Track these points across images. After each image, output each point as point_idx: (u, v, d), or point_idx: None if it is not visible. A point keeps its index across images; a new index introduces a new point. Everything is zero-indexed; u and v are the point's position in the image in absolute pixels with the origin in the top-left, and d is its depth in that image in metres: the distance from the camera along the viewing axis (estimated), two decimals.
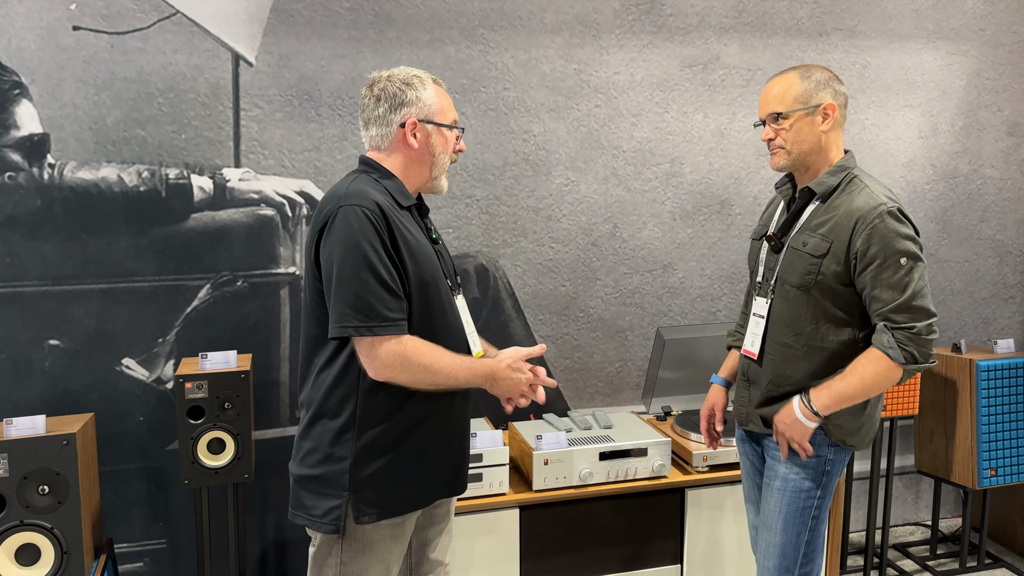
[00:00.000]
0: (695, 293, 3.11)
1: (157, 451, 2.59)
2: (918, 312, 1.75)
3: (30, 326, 2.44)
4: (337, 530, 1.66)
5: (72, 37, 2.39)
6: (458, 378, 1.67)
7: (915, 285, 1.75)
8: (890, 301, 1.76)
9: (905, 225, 1.77)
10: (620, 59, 2.90)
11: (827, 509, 1.92)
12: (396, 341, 1.60)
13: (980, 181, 3.40)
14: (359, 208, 1.60)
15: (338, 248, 1.59)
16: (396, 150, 1.76)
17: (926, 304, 1.76)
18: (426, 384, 1.65)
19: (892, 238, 1.75)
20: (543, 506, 2.40)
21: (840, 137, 1.91)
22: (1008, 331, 3.54)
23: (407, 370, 1.61)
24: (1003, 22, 3.32)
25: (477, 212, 2.82)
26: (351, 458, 1.66)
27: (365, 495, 1.66)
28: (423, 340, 1.65)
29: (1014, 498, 3.26)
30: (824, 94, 1.85)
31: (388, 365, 1.60)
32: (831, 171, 1.87)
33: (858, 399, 1.81)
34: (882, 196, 1.79)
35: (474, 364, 1.70)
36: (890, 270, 1.75)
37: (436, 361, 1.64)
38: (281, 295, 2.64)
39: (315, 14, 2.58)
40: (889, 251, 1.75)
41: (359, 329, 1.58)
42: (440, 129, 1.76)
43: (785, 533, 1.89)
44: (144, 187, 2.49)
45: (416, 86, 1.74)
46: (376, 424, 1.67)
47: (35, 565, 2.04)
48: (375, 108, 1.74)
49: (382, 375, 1.61)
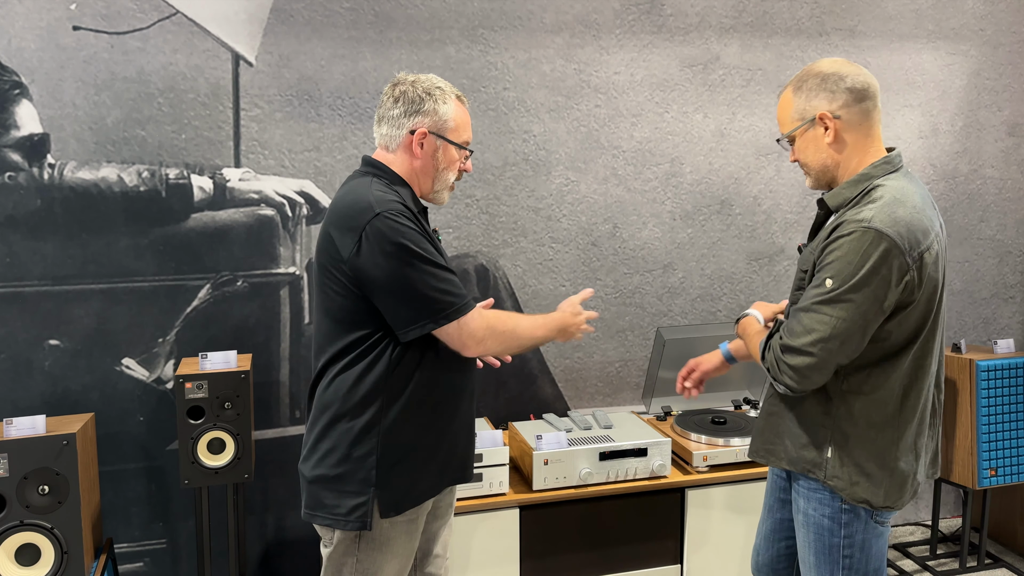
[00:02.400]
0: (695, 293, 3.11)
1: (157, 451, 2.59)
2: (794, 337, 1.60)
3: (30, 326, 2.44)
4: (364, 526, 1.68)
5: (72, 37, 2.39)
6: (537, 336, 1.80)
7: (817, 302, 1.57)
8: (792, 305, 1.69)
9: (874, 247, 1.51)
10: (620, 59, 2.90)
11: (864, 551, 1.71)
12: (477, 315, 1.69)
13: (980, 181, 3.40)
14: (396, 213, 1.63)
15: (393, 257, 1.61)
16: (401, 154, 1.76)
17: (804, 343, 1.58)
18: (514, 348, 1.79)
19: (844, 254, 1.54)
20: (543, 506, 2.40)
21: (868, 136, 1.66)
22: (1008, 331, 3.54)
23: (496, 337, 1.72)
24: (1003, 22, 3.32)
25: (477, 212, 2.82)
26: (376, 455, 1.68)
27: (389, 490, 1.70)
28: (493, 310, 1.79)
29: (1014, 498, 3.26)
30: (817, 102, 1.64)
31: (481, 339, 1.69)
32: (851, 181, 1.65)
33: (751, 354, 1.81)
34: (879, 213, 1.54)
35: (546, 320, 1.82)
36: (816, 282, 1.60)
37: (518, 325, 1.77)
38: (281, 295, 2.64)
39: (315, 14, 2.58)
40: (829, 264, 1.56)
41: (448, 316, 1.65)
42: (448, 146, 1.77)
43: (818, 569, 1.75)
44: (144, 187, 2.49)
45: (436, 97, 1.74)
46: (397, 420, 1.70)
47: (35, 565, 2.04)
48: (392, 108, 1.75)
49: (478, 349, 1.70)
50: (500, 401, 2.90)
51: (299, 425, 2.71)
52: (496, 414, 2.88)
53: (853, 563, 1.71)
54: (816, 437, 1.69)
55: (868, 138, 1.66)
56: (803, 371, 1.60)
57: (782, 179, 3.14)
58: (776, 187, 3.14)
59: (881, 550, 1.74)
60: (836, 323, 1.55)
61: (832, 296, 1.55)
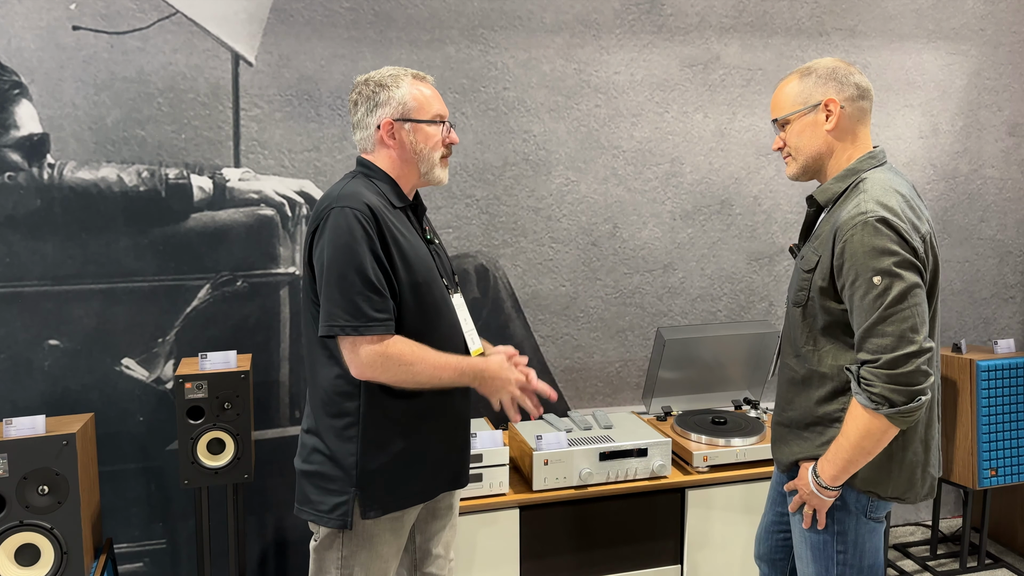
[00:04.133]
0: (695, 293, 3.11)
1: (157, 451, 2.59)
2: (886, 339, 1.51)
3: (30, 326, 2.43)
4: (344, 525, 1.68)
5: (72, 37, 2.39)
6: (441, 378, 1.67)
7: (886, 308, 1.51)
8: (859, 327, 1.55)
9: (882, 237, 1.53)
10: (620, 59, 2.90)
11: (858, 547, 1.71)
12: (379, 341, 1.61)
13: (980, 181, 3.40)
14: (349, 210, 1.62)
15: (328, 249, 1.62)
16: (380, 151, 1.77)
17: (901, 329, 1.50)
18: (409, 384, 1.66)
19: (862, 253, 1.54)
20: (543, 506, 2.39)
21: (859, 134, 1.70)
22: (1008, 331, 3.54)
23: (387, 370, 1.63)
24: (1003, 22, 3.32)
25: (477, 212, 2.82)
26: (357, 455, 1.68)
27: (371, 491, 1.69)
28: (409, 340, 1.66)
29: (1014, 498, 3.26)
30: (825, 88, 1.67)
31: (368, 365, 1.62)
32: (839, 176, 1.69)
33: (861, 460, 1.59)
34: (871, 204, 1.57)
35: (460, 363, 1.70)
36: (860, 290, 1.54)
37: (419, 362, 1.64)
38: (281, 295, 2.64)
39: (315, 14, 2.58)
40: (860, 268, 1.54)
41: (344, 328, 1.60)
42: (419, 126, 1.75)
43: (814, 564, 1.76)
44: (144, 187, 2.49)
45: (389, 86, 1.74)
46: (379, 421, 1.69)
47: (35, 565, 2.04)
48: (355, 112, 1.78)
49: (364, 374, 1.63)
50: None
51: (299, 425, 2.69)
52: (496, 414, 2.87)
53: (847, 559, 1.71)
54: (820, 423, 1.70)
55: (860, 136, 1.71)
56: (923, 371, 1.51)
57: (782, 179, 3.13)
58: (776, 187, 3.14)
59: (875, 547, 1.74)
60: (905, 308, 1.52)
61: (886, 286, 1.52)
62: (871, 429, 1.55)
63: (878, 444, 1.57)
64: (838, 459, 1.62)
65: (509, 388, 1.74)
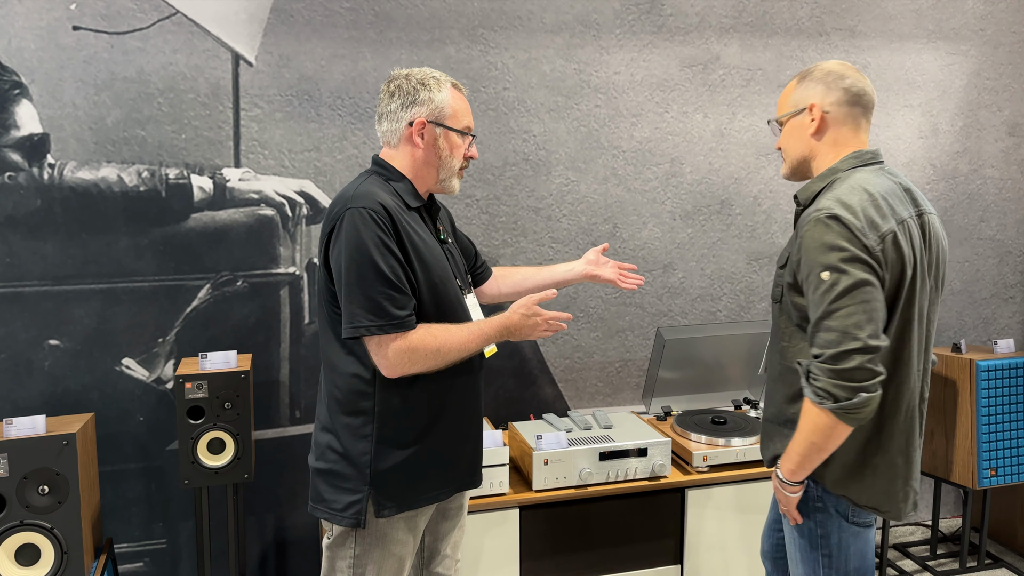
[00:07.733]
0: (695, 293, 3.11)
1: (157, 451, 2.59)
2: (831, 334, 1.51)
3: (30, 326, 2.44)
4: (358, 524, 1.69)
5: (72, 37, 2.39)
6: (471, 349, 1.71)
7: (831, 303, 1.51)
8: (810, 323, 1.56)
9: (832, 233, 1.53)
10: (620, 59, 2.90)
11: (842, 550, 1.70)
12: (403, 338, 1.63)
13: (980, 181, 3.40)
14: (364, 210, 1.62)
15: (346, 251, 1.62)
16: (403, 148, 1.77)
17: (844, 325, 1.50)
18: (443, 365, 1.69)
19: (813, 249, 1.56)
20: (543, 506, 2.40)
21: (845, 138, 1.71)
22: (1008, 331, 3.54)
23: (417, 362, 1.65)
24: (1003, 22, 3.32)
25: (477, 212, 2.82)
26: (371, 453, 1.69)
27: (385, 490, 1.70)
28: (429, 325, 1.68)
29: (1014, 498, 3.26)
30: (812, 93, 1.70)
31: (398, 362, 1.64)
32: (820, 176, 1.71)
33: (815, 456, 1.60)
34: (829, 201, 1.58)
35: (484, 329, 1.73)
36: (812, 285, 1.56)
37: (445, 344, 1.67)
38: (281, 295, 2.64)
39: (315, 14, 2.58)
40: (812, 264, 1.56)
41: (370, 329, 1.61)
42: (449, 133, 1.77)
43: (803, 564, 1.77)
44: (144, 187, 2.49)
45: (431, 87, 1.75)
46: (394, 419, 1.70)
47: (35, 565, 2.04)
48: (389, 103, 1.76)
49: (394, 372, 1.65)
50: (500, 401, 2.90)
51: (299, 425, 2.71)
52: (496, 414, 2.88)
53: (832, 562, 1.72)
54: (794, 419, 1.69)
55: (846, 139, 1.70)
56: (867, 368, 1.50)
57: (782, 179, 3.13)
58: (776, 187, 3.14)
59: (861, 550, 1.73)
60: (849, 304, 1.52)
61: (833, 281, 1.53)
62: (818, 424, 1.55)
63: (828, 440, 1.56)
64: (792, 454, 1.64)
65: (539, 329, 1.79)
